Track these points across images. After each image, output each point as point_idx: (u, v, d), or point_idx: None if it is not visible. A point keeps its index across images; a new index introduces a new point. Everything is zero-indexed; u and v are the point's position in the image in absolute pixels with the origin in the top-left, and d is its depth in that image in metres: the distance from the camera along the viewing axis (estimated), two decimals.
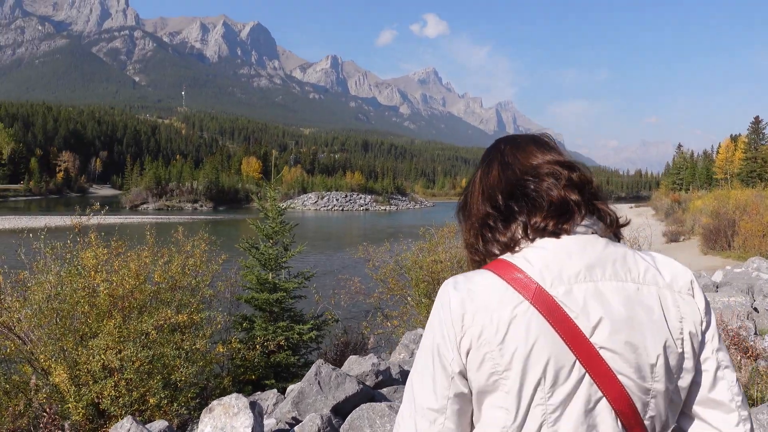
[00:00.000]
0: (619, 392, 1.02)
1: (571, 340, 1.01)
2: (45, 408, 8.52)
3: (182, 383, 9.13)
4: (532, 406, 1.02)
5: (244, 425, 4.59)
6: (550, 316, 1.02)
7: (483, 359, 1.04)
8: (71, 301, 9.03)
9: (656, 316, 1.06)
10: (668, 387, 1.07)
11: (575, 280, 1.06)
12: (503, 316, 1.03)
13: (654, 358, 1.04)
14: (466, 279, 1.11)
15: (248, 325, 11.76)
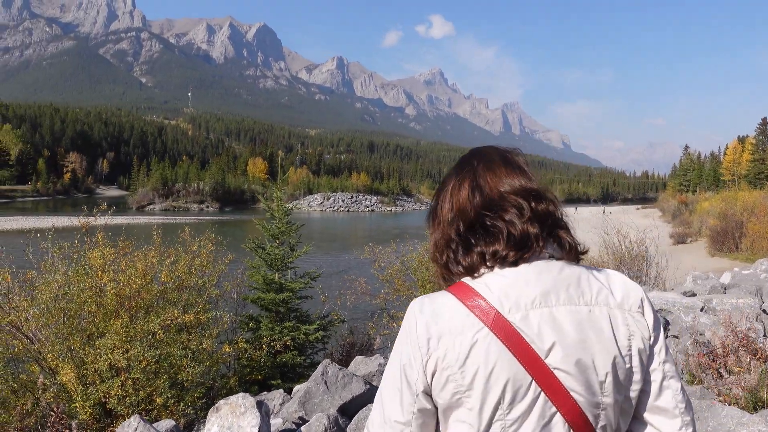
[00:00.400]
0: (572, 407, 1.13)
1: (528, 362, 1.12)
2: (52, 407, 8.55)
3: (189, 383, 9.15)
4: (493, 421, 1.13)
5: (251, 425, 4.59)
6: (507, 340, 1.12)
7: (447, 380, 1.14)
8: (78, 301, 9.06)
9: (605, 336, 1.16)
10: (617, 399, 1.17)
11: (531, 306, 1.15)
12: (465, 341, 1.13)
13: (603, 376, 1.15)
14: (431, 302, 1.21)
15: (254, 325, 11.77)
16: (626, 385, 1.19)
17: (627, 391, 1.19)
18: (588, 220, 19.93)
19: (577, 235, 1.32)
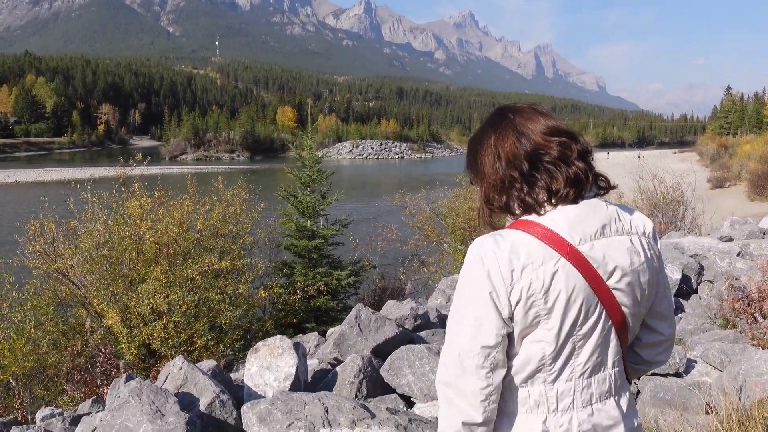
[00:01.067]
0: (622, 318, 1.40)
1: (596, 285, 1.35)
2: (101, 348, 9.00)
3: (227, 326, 9.51)
4: (569, 337, 1.35)
5: (288, 365, 4.77)
6: (581, 268, 1.33)
7: (531, 305, 1.32)
8: (119, 249, 9.39)
9: (643, 258, 1.42)
10: (645, 308, 1.47)
11: (594, 237, 1.37)
12: (547, 271, 1.32)
13: (645, 291, 1.43)
14: (503, 238, 1.36)
15: (288, 271, 12.05)
16: (651, 296, 1.47)
17: (650, 301, 1.48)
18: (622, 165, 19.54)
19: None
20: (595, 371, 1.40)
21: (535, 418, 1.37)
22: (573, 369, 1.37)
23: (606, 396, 1.41)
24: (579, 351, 1.37)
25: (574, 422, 1.37)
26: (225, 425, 4.13)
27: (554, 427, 1.37)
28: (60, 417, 5.30)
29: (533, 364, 1.36)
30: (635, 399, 4.47)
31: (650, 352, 1.59)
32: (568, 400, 1.37)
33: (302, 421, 3.76)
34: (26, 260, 9.40)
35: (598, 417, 1.39)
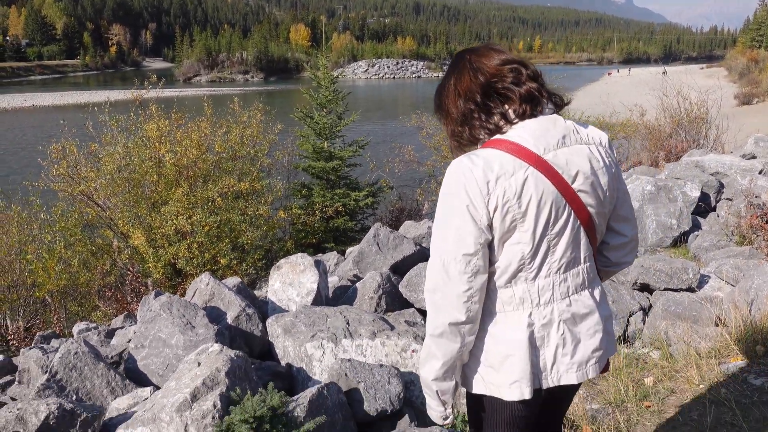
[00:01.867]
0: (588, 217, 1.56)
1: (562, 188, 1.50)
2: (128, 267, 9.34)
3: (249, 246, 9.76)
4: (543, 237, 1.50)
5: (310, 281, 4.95)
6: (547, 174, 1.48)
7: (506, 211, 1.47)
8: (140, 171, 9.53)
9: (602, 164, 1.58)
10: (609, 209, 1.63)
11: (557, 147, 1.52)
12: (518, 179, 1.46)
13: (605, 192, 1.58)
14: (477, 155, 1.50)
15: (307, 192, 12.17)
16: (611, 198, 1.62)
17: (611, 203, 1.63)
18: (646, 83, 18.93)
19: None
20: (570, 266, 1.57)
21: (522, 313, 1.54)
22: (550, 266, 1.54)
23: (581, 288, 1.59)
24: (554, 249, 1.53)
25: (555, 313, 1.54)
26: (251, 337, 4.35)
27: (538, 319, 1.54)
28: (95, 331, 5.60)
29: (514, 265, 1.52)
30: (647, 313, 4.60)
31: (617, 254, 1.77)
32: (548, 294, 1.54)
33: (325, 333, 3.95)
34: (51, 183, 9.61)
35: (576, 306, 1.57)
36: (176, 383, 3.13)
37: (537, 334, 1.54)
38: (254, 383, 3.24)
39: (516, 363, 1.53)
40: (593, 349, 1.59)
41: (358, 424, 3.39)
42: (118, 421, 3.07)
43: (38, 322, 8.44)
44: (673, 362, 3.56)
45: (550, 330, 1.55)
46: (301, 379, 3.87)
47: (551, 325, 1.55)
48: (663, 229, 6.38)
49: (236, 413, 2.65)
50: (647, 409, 2.95)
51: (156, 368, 3.87)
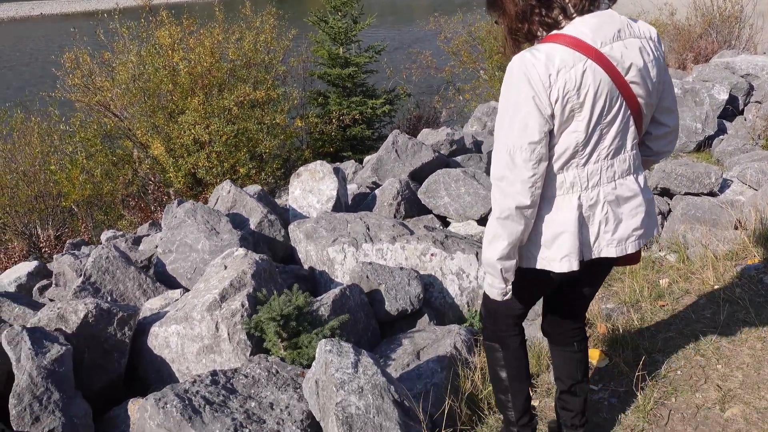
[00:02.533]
0: (638, 107, 1.66)
1: (617, 80, 1.58)
2: (150, 177, 9.49)
3: (267, 155, 9.80)
4: (597, 126, 1.60)
5: (329, 188, 5.00)
6: (604, 66, 1.56)
7: (566, 102, 1.56)
8: (155, 81, 9.44)
9: (652, 57, 1.66)
10: (655, 101, 1.72)
11: (612, 40, 1.59)
12: (578, 71, 1.54)
13: (654, 84, 1.67)
14: (538, 50, 1.56)
15: (323, 100, 12.01)
16: (658, 90, 1.71)
17: (658, 95, 1.73)
18: None
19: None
20: (617, 153, 1.68)
21: (572, 196, 1.68)
22: (599, 152, 1.65)
23: (626, 173, 1.71)
24: (604, 137, 1.64)
25: (601, 195, 1.68)
26: (274, 242, 4.47)
27: (586, 200, 1.68)
28: (122, 238, 5.77)
29: (569, 152, 1.63)
30: (666, 218, 4.61)
31: (659, 143, 1.88)
32: (596, 178, 1.67)
33: (346, 238, 4.03)
34: (67, 94, 9.59)
35: (620, 190, 1.70)
36: (205, 285, 3.26)
37: (585, 214, 1.69)
38: (279, 285, 3.36)
39: (567, 240, 1.69)
40: (634, 228, 1.73)
41: (380, 323, 3.53)
42: (151, 320, 3.24)
43: (67, 230, 8.72)
44: (689, 264, 3.60)
45: (595, 210, 1.69)
46: (323, 281, 4.00)
47: (597, 206, 1.69)
48: (687, 133, 6.25)
49: (264, 312, 2.77)
50: (661, 308, 3.02)
51: (184, 272, 4.02)
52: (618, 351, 2.60)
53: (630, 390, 2.37)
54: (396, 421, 2.02)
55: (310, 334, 2.75)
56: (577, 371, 2.00)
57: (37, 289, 4.41)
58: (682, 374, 2.45)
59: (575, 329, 2.01)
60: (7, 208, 8.42)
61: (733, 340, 2.61)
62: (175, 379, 3.01)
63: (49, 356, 2.59)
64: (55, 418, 2.46)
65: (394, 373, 2.87)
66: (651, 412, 2.25)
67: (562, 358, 2.03)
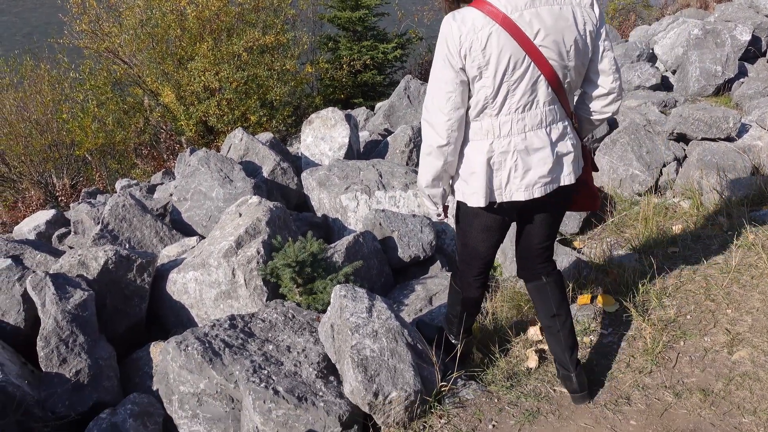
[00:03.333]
0: (549, 69, 1.82)
1: (523, 43, 1.77)
2: (161, 125, 9.48)
3: (277, 102, 9.71)
4: (503, 82, 1.81)
5: (341, 135, 4.98)
6: (510, 30, 1.76)
7: (473, 59, 1.78)
8: (163, 26, 9.28)
9: (570, 22, 1.81)
10: (577, 63, 1.86)
11: (524, 7, 1.77)
12: (484, 34, 1.76)
13: (569, 47, 1.82)
14: (459, 13, 1.81)
15: (333, 45, 11.79)
16: (583, 53, 1.86)
17: (583, 58, 1.88)
18: None
19: None
20: (528, 108, 1.87)
21: (486, 141, 1.91)
22: (509, 106, 1.86)
23: (537, 126, 1.90)
24: (513, 93, 1.83)
25: (512, 144, 1.89)
26: (287, 190, 4.50)
27: (498, 147, 1.90)
28: (137, 187, 5.83)
29: (481, 103, 1.85)
30: (681, 164, 4.56)
31: (597, 104, 2.02)
32: (507, 128, 1.89)
33: (358, 185, 4.04)
34: (76, 40, 9.48)
35: (530, 140, 1.90)
36: (220, 232, 3.31)
37: (495, 159, 1.91)
38: (293, 232, 3.41)
39: (477, 179, 1.94)
40: (540, 176, 1.92)
41: (393, 269, 3.59)
42: (169, 267, 3.31)
43: (82, 179, 8.80)
44: (703, 211, 3.59)
45: (506, 157, 1.91)
46: (336, 228, 4.04)
47: (507, 154, 1.90)
48: (706, 76, 6.10)
49: (279, 258, 2.82)
50: (673, 254, 3.04)
51: (199, 219, 4.07)
52: (628, 296, 2.63)
53: (639, 334, 2.42)
54: (410, 363, 2.09)
55: (325, 280, 2.81)
56: (550, 304, 2.15)
57: (57, 237, 4.50)
58: (692, 318, 2.48)
59: (542, 265, 2.18)
60: (22, 158, 8.49)
61: (744, 285, 2.62)
62: (194, 323, 3.10)
63: (73, 301, 2.68)
64: (81, 359, 2.56)
65: (407, 318, 2.94)
66: (659, 355, 2.29)
67: (535, 293, 2.20)
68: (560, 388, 2.20)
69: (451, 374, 2.22)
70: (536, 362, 2.35)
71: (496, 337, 2.56)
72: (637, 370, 2.25)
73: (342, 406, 2.06)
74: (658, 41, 7.22)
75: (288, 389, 2.09)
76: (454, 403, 2.14)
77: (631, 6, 13.08)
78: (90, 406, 2.51)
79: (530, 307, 2.73)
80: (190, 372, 2.23)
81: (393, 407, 2.01)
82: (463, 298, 2.29)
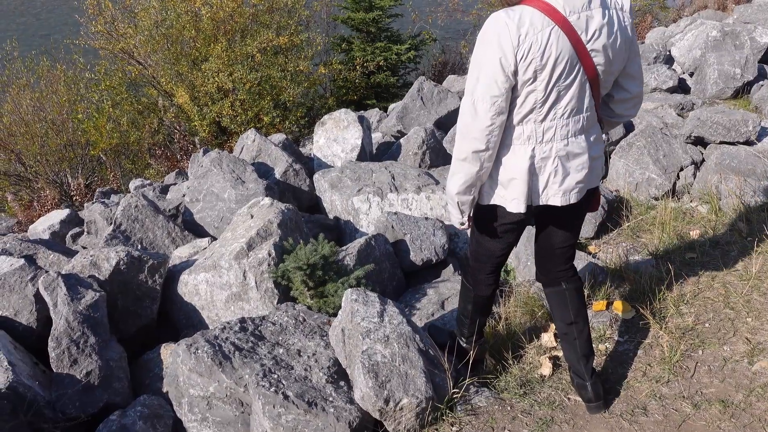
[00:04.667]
0: (595, 74, 1.82)
1: (578, 47, 1.75)
2: (175, 126, 9.52)
3: (291, 103, 9.72)
4: (554, 86, 1.77)
5: (354, 136, 4.96)
6: (569, 34, 1.72)
7: (531, 62, 1.72)
8: (178, 27, 9.33)
9: (616, 28, 1.80)
10: (616, 68, 1.87)
11: (581, 10, 1.74)
12: (545, 35, 1.70)
13: (615, 53, 1.82)
14: (514, 11, 1.72)
15: (347, 46, 11.78)
16: (623, 59, 1.86)
17: (622, 63, 1.87)
18: None
19: None
20: (573, 114, 1.86)
21: (527, 147, 1.88)
22: (556, 112, 1.83)
23: (579, 133, 1.90)
24: (562, 98, 1.81)
25: (554, 150, 1.88)
26: (299, 191, 4.48)
27: (539, 153, 1.88)
28: (150, 187, 5.85)
29: (528, 107, 1.81)
30: (698, 168, 4.49)
31: (621, 107, 2.05)
32: (550, 134, 1.86)
33: (370, 187, 4.02)
34: (91, 41, 9.55)
35: (571, 146, 1.89)
36: (232, 234, 3.30)
37: (536, 165, 1.89)
38: (305, 234, 3.39)
39: (517, 185, 1.91)
40: (577, 181, 1.93)
41: (405, 272, 3.55)
42: (180, 268, 3.30)
43: (96, 179, 8.86)
44: (721, 216, 3.53)
45: (547, 162, 1.89)
46: (348, 231, 4.02)
47: (548, 159, 1.88)
48: (725, 79, 6.00)
49: (290, 261, 2.80)
50: (691, 260, 2.98)
51: (211, 221, 4.07)
52: (645, 303, 2.58)
53: (656, 342, 2.37)
54: (421, 369, 2.05)
55: (336, 283, 2.79)
56: (568, 311, 2.12)
57: (70, 237, 4.52)
58: (710, 327, 2.43)
59: (562, 271, 2.16)
60: (38, 157, 8.56)
61: (765, 293, 2.57)
62: (205, 325, 3.09)
63: (84, 302, 2.67)
64: (92, 360, 2.55)
65: (419, 323, 2.91)
66: (677, 364, 2.24)
67: (554, 299, 2.17)
68: (575, 397, 2.15)
69: (463, 381, 2.19)
70: (550, 369, 2.31)
71: (509, 342, 2.53)
72: (654, 380, 2.20)
73: (352, 412, 2.03)
74: (676, 43, 7.13)
75: (298, 394, 2.07)
76: (466, 410, 2.11)
77: (648, 7, 12.95)
78: (100, 408, 2.51)
79: (544, 312, 2.69)
80: (200, 375, 2.22)
81: (404, 414, 1.98)
82: (475, 297, 2.29)
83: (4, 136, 8.64)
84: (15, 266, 2.86)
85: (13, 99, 8.78)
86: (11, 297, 2.77)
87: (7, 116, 8.73)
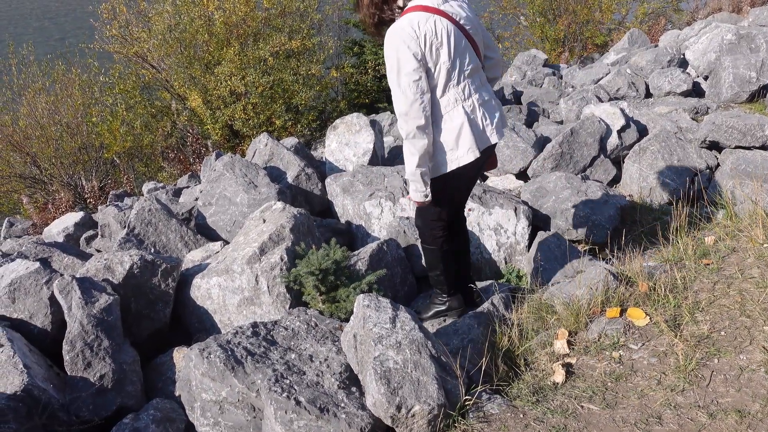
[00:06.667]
0: (474, 42, 2.50)
1: (457, 25, 2.41)
2: (188, 129, 9.59)
3: (302, 107, 9.77)
4: (455, 54, 2.40)
5: (366, 141, 4.96)
6: (446, 17, 2.38)
7: (430, 43, 2.34)
8: (191, 31, 9.41)
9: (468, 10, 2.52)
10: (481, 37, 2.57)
11: (443, 2, 2.40)
12: (431, 22, 2.34)
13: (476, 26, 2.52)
14: (405, 19, 2.36)
15: (358, 49, 11.83)
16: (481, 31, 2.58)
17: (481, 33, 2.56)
18: None
19: None
20: (473, 72, 2.49)
21: (458, 107, 2.45)
22: (463, 73, 2.45)
23: (483, 84, 2.57)
24: (463, 62, 2.43)
25: (475, 101, 2.49)
26: (311, 195, 4.49)
27: (467, 107, 2.47)
28: (163, 190, 5.89)
29: (444, 77, 2.40)
30: (713, 172, 4.45)
31: (491, 71, 2.73)
32: (467, 91, 2.47)
33: (382, 192, 4.02)
34: (106, 45, 9.66)
35: (483, 95, 2.53)
36: (244, 238, 3.31)
37: (470, 117, 2.46)
38: (317, 239, 3.39)
39: (466, 135, 2.45)
40: (496, 120, 2.57)
41: (417, 277, 3.55)
42: (193, 272, 3.32)
43: (110, 181, 8.94)
44: (737, 221, 3.48)
45: (476, 112, 2.49)
46: (360, 235, 4.02)
47: (475, 109, 2.48)
48: (740, 82, 5.95)
49: (302, 266, 2.81)
50: (706, 267, 2.95)
51: (224, 224, 4.09)
52: (659, 310, 2.55)
53: (670, 350, 2.35)
54: (433, 376, 2.05)
55: (348, 288, 2.79)
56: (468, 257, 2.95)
57: (84, 240, 4.56)
58: (726, 335, 2.40)
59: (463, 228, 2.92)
60: (53, 160, 8.66)
61: None
62: (218, 329, 3.10)
63: (98, 305, 2.70)
64: (106, 364, 2.57)
65: (430, 328, 2.90)
66: (692, 373, 2.22)
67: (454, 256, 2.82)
68: (588, 405, 2.14)
69: (475, 388, 2.18)
70: (563, 377, 2.29)
71: (522, 349, 2.51)
72: (669, 388, 2.17)
73: (364, 418, 2.03)
74: (690, 46, 7.07)
75: (310, 400, 2.07)
76: (478, 417, 2.09)
77: (661, 10, 12.87)
78: (113, 411, 2.52)
79: (557, 318, 2.68)
80: (212, 380, 2.22)
81: (416, 421, 1.98)
82: (442, 252, 2.75)
83: (19, 139, 8.75)
84: (30, 269, 2.89)
85: (28, 102, 8.89)
86: (26, 300, 2.80)
87: (23, 119, 8.85)
